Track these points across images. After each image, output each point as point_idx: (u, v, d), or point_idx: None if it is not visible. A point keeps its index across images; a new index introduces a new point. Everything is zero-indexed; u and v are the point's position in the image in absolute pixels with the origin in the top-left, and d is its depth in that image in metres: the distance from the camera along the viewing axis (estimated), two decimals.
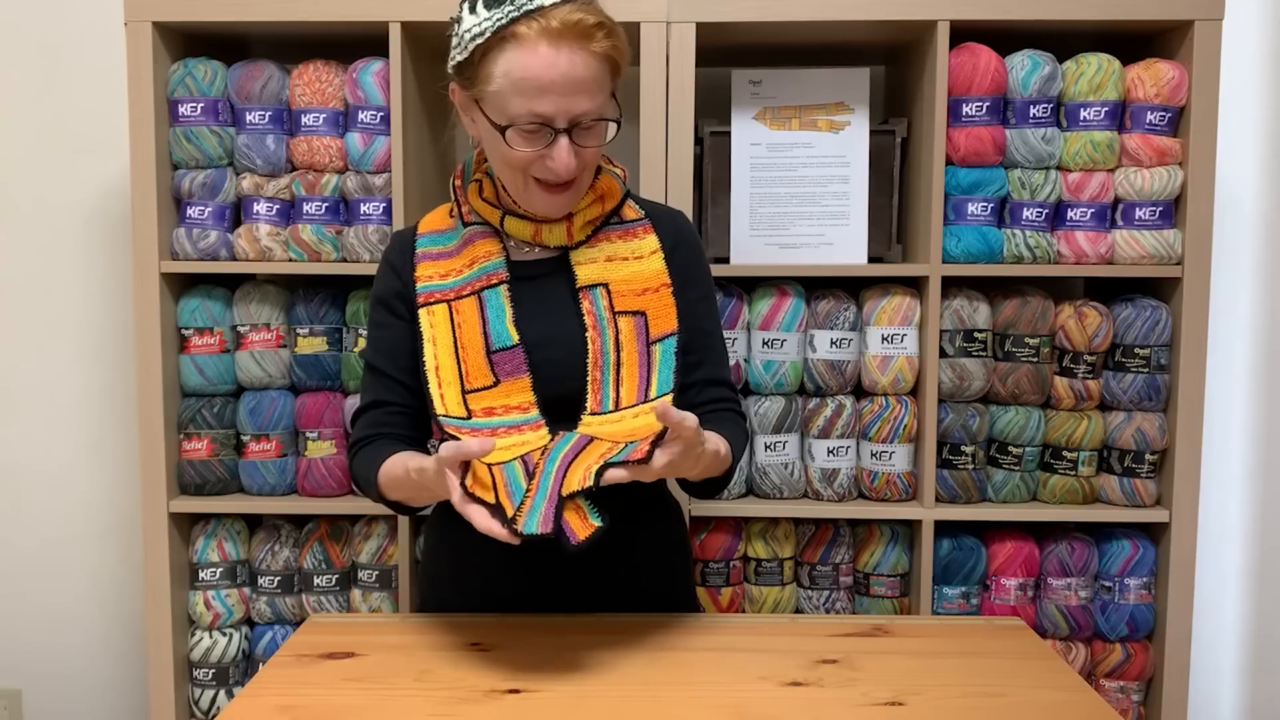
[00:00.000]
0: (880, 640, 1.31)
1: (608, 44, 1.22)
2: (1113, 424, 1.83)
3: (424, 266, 1.35)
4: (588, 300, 1.31)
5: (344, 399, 1.88)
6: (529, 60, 1.19)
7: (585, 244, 1.34)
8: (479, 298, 1.31)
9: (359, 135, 1.81)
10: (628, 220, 1.36)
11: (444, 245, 1.36)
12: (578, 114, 1.22)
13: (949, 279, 1.81)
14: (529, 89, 1.20)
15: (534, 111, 1.20)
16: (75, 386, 2.21)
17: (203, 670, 1.89)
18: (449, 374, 1.29)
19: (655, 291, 1.31)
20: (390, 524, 1.88)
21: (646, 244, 1.34)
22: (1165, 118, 1.77)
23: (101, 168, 2.16)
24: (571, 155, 1.23)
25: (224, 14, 1.77)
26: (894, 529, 1.88)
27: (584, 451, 1.16)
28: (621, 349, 1.29)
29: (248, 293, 1.88)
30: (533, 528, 1.08)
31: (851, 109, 1.85)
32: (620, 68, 1.26)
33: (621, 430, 1.23)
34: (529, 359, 1.28)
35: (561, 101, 1.20)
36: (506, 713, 1.09)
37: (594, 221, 1.34)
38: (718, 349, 1.40)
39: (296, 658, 1.24)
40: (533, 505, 1.10)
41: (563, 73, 1.19)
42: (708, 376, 1.37)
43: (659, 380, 1.28)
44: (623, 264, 1.32)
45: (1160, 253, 1.78)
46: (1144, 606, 1.84)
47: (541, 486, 1.13)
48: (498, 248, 1.33)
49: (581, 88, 1.21)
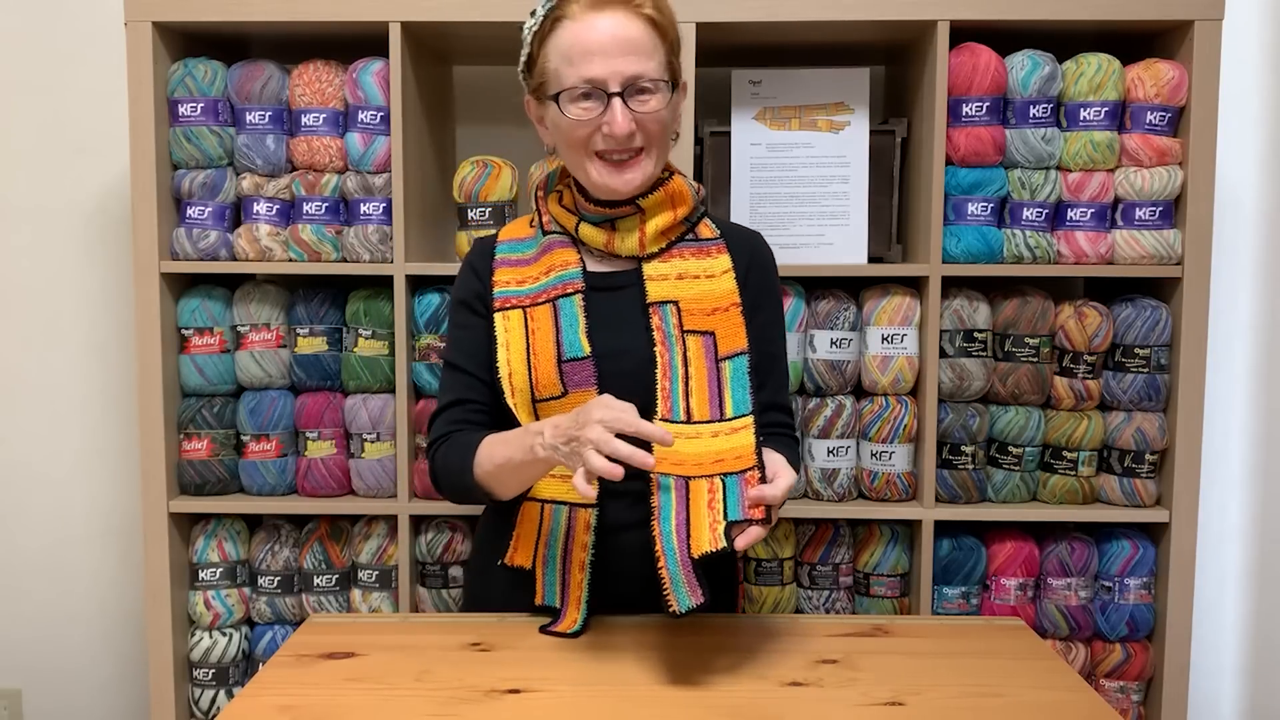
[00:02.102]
0: (880, 640, 1.31)
1: (651, 5, 1.26)
2: (1113, 424, 1.83)
3: (502, 272, 1.37)
4: (657, 316, 1.31)
5: (344, 399, 1.88)
6: (577, 30, 1.25)
7: (658, 258, 1.34)
8: (554, 306, 1.32)
9: (359, 135, 1.81)
10: (703, 239, 1.37)
11: (523, 253, 1.39)
12: (629, 75, 1.25)
13: (949, 279, 1.81)
14: (578, 56, 1.25)
15: (584, 76, 1.25)
16: (75, 387, 2.22)
17: (203, 670, 1.89)
18: (520, 381, 1.31)
19: (725, 311, 1.32)
20: (390, 524, 1.89)
21: (719, 263, 1.34)
22: (1165, 118, 1.77)
23: (101, 168, 2.16)
24: (626, 117, 1.25)
25: (224, 14, 1.77)
26: (894, 529, 1.87)
27: (691, 507, 1.17)
28: (690, 364, 1.29)
29: (248, 293, 1.88)
30: (686, 604, 1.12)
31: (851, 109, 1.85)
32: (669, 34, 1.29)
33: (705, 451, 1.23)
34: (601, 370, 1.29)
35: (610, 62, 1.24)
36: (506, 713, 1.09)
37: (667, 233, 1.35)
38: (780, 374, 1.41)
39: (296, 658, 1.24)
40: (672, 578, 1.14)
41: (609, 34, 1.24)
42: (769, 401, 1.37)
43: (734, 400, 1.28)
44: (694, 282, 1.32)
45: (1160, 253, 1.78)
46: (1144, 606, 1.84)
47: (668, 554, 1.15)
48: (575, 257, 1.35)
49: (629, 48, 1.24)
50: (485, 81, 2.16)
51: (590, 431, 1.11)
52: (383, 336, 1.84)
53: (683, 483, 1.20)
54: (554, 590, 1.32)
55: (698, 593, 1.13)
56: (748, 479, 1.18)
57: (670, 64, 1.30)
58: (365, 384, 1.85)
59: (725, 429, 1.25)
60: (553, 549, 1.31)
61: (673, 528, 1.15)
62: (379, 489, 1.87)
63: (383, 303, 1.84)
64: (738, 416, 1.26)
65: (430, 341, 1.83)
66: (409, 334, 1.84)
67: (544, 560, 1.32)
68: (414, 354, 1.85)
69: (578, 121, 1.27)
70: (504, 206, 1.83)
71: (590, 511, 1.30)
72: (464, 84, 2.15)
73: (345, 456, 1.88)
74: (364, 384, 1.85)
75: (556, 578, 1.31)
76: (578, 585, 1.30)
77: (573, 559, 1.30)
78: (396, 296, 1.81)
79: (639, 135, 1.27)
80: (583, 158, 1.30)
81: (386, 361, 1.84)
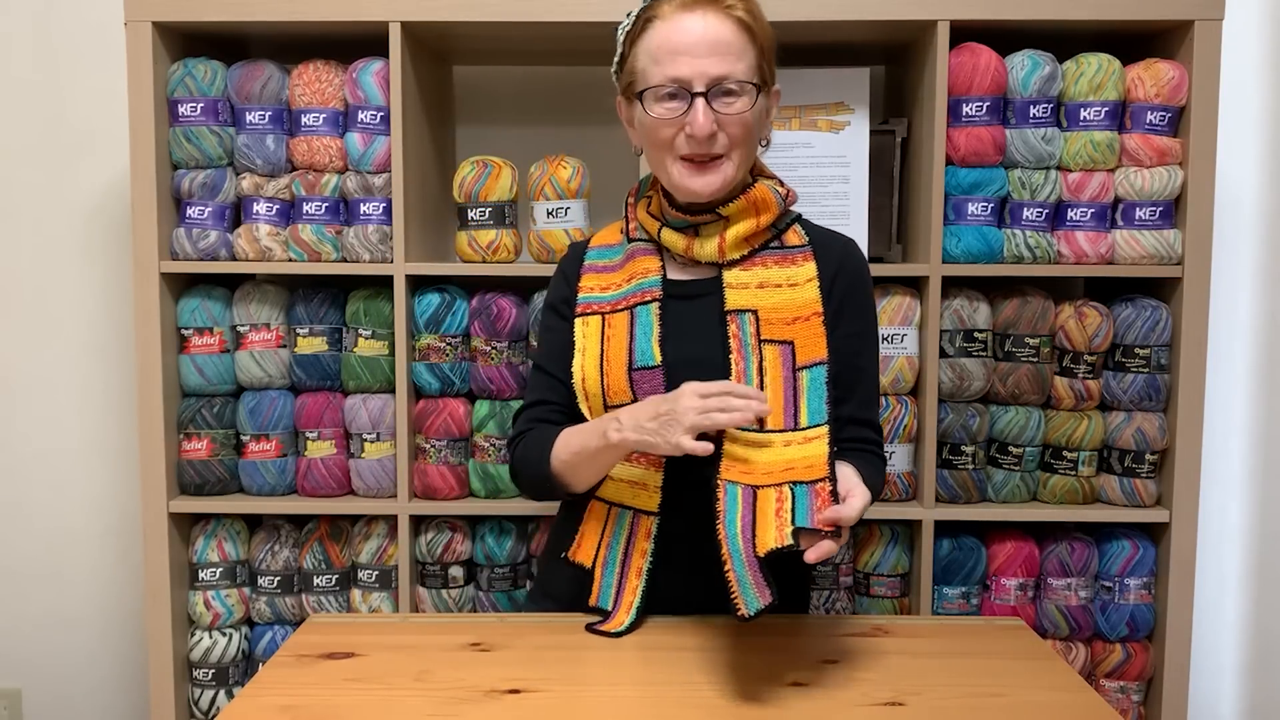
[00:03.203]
0: (880, 640, 1.30)
1: (742, 7, 1.26)
2: (1113, 424, 1.83)
3: (587, 278, 1.39)
4: (735, 324, 1.30)
5: (344, 399, 1.88)
6: (667, 30, 1.25)
7: (740, 265, 1.33)
8: (631, 313, 1.32)
9: (359, 135, 1.81)
10: (788, 246, 1.35)
11: (609, 259, 1.40)
12: (714, 76, 1.24)
13: (949, 279, 1.81)
14: (665, 55, 1.25)
15: (669, 75, 1.25)
16: (75, 386, 2.22)
17: (203, 670, 1.89)
18: (593, 386, 1.32)
19: (805, 320, 1.30)
20: (390, 524, 1.89)
21: (803, 271, 1.32)
22: (1165, 118, 1.77)
23: (101, 168, 2.16)
24: (709, 117, 1.24)
25: (224, 14, 1.77)
26: (894, 529, 1.87)
27: (758, 511, 1.16)
28: (765, 374, 1.27)
29: (248, 293, 1.88)
30: (755, 606, 1.08)
31: (851, 109, 1.85)
32: (760, 36, 1.28)
33: (775, 460, 1.21)
34: (671, 380, 1.27)
35: (695, 63, 1.24)
36: (506, 713, 1.09)
37: (749, 240, 1.33)
38: (867, 387, 1.37)
39: (296, 658, 1.24)
40: (739, 580, 1.10)
41: (697, 34, 1.24)
42: (853, 415, 1.34)
43: (809, 409, 1.26)
44: (775, 291, 1.31)
45: (1160, 253, 1.78)
46: (1144, 606, 1.84)
47: (734, 555, 1.12)
48: (657, 265, 1.35)
49: (716, 49, 1.24)
50: (485, 81, 2.16)
51: (685, 400, 1.15)
52: (383, 336, 1.84)
53: (750, 491, 1.18)
54: (609, 593, 1.32)
55: (766, 593, 1.08)
56: (818, 489, 1.15)
57: (760, 67, 1.28)
58: (365, 384, 1.85)
59: (798, 438, 1.23)
60: (614, 551, 1.32)
61: (738, 530, 1.14)
62: (379, 489, 1.87)
63: (383, 303, 1.84)
64: (812, 426, 1.24)
65: (430, 341, 1.83)
66: (409, 334, 1.84)
67: (604, 562, 1.33)
68: (414, 354, 1.85)
69: (661, 120, 1.27)
70: (504, 206, 1.83)
71: (652, 520, 1.30)
72: (464, 84, 2.15)
73: (345, 456, 1.88)
74: (364, 384, 1.85)
75: (614, 580, 1.32)
76: (632, 590, 1.30)
77: (631, 564, 1.31)
78: (396, 296, 1.81)
79: (721, 137, 1.26)
80: (665, 158, 1.30)
81: (386, 361, 1.85)
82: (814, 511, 1.12)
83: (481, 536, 1.89)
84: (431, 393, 1.86)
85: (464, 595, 1.91)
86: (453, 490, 1.86)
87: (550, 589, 1.44)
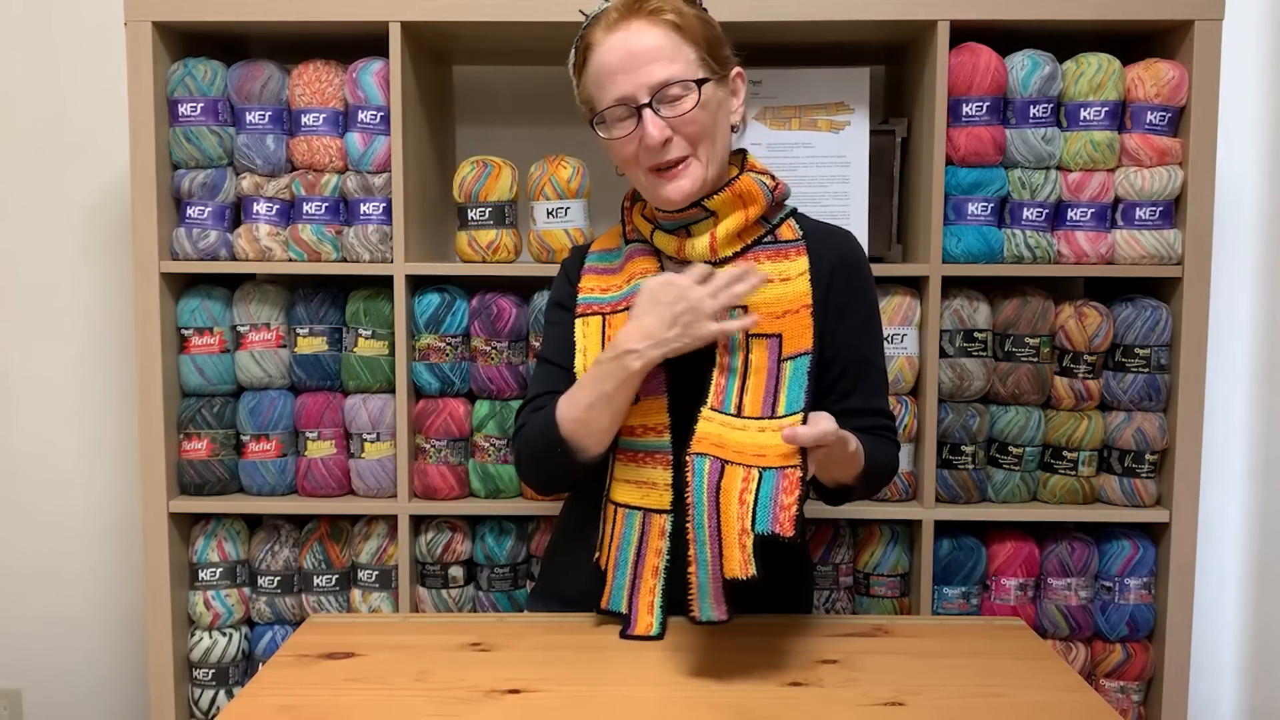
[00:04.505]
0: (880, 640, 1.31)
1: (669, 8, 1.26)
2: (1113, 424, 1.83)
3: (588, 279, 1.40)
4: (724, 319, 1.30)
5: (344, 399, 1.88)
6: (602, 54, 1.27)
7: (733, 263, 1.33)
8: (630, 313, 1.32)
9: (359, 135, 1.81)
10: (782, 240, 1.35)
11: (609, 262, 1.42)
12: (654, 84, 1.25)
13: (949, 279, 1.81)
14: (605, 78, 1.27)
15: (614, 96, 1.26)
16: (75, 386, 2.22)
17: (203, 670, 1.89)
18: None
19: (795, 313, 1.30)
20: (390, 524, 1.89)
21: (795, 266, 1.32)
22: (1165, 118, 1.77)
23: (101, 168, 2.16)
24: (658, 126, 1.25)
25: (224, 14, 1.77)
26: (894, 529, 1.87)
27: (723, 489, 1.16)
28: (750, 365, 1.29)
29: (248, 293, 1.88)
30: (709, 616, 1.18)
31: (851, 109, 1.85)
32: (695, 32, 1.28)
33: (748, 443, 1.21)
34: (672, 380, 1.30)
35: (632, 77, 1.25)
36: (506, 713, 1.09)
37: (741, 235, 1.34)
38: (875, 378, 1.37)
39: (296, 658, 1.24)
40: (700, 587, 1.18)
41: (625, 49, 1.25)
42: (861, 406, 1.34)
43: (788, 398, 1.26)
44: (766, 287, 1.30)
45: (1160, 253, 1.78)
46: (1144, 606, 1.84)
47: (700, 562, 1.16)
48: (654, 265, 1.37)
49: (649, 57, 1.25)
50: (485, 81, 2.16)
51: (694, 293, 1.21)
52: (383, 336, 1.84)
53: (718, 465, 1.18)
54: (620, 595, 1.32)
55: (723, 610, 1.17)
56: (787, 473, 1.15)
57: (704, 60, 1.28)
58: (365, 384, 1.85)
59: (772, 425, 1.23)
60: (625, 553, 1.32)
61: (706, 536, 1.15)
62: (379, 489, 1.87)
63: (382, 303, 1.84)
64: (788, 415, 1.24)
65: (430, 341, 1.83)
66: (409, 334, 1.84)
67: (615, 564, 1.32)
68: (414, 354, 1.85)
69: (621, 140, 1.29)
70: (504, 206, 1.83)
71: (665, 518, 1.30)
72: (464, 84, 2.15)
73: (345, 456, 1.88)
74: (364, 384, 1.85)
75: (625, 582, 1.31)
76: (650, 590, 1.30)
77: (646, 564, 1.30)
78: (396, 296, 1.81)
79: (677, 140, 1.27)
80: (637, 173, 1.32)
81: (386, 361, 1.84)
82: (779, 493, 1.13)
83: (481, 536, 1.89)
84: (431, 393, 1.86)
85: (464, 595, 1.91)
86: (453, 490, 1.86)
87: (557, 588, 1.44)
